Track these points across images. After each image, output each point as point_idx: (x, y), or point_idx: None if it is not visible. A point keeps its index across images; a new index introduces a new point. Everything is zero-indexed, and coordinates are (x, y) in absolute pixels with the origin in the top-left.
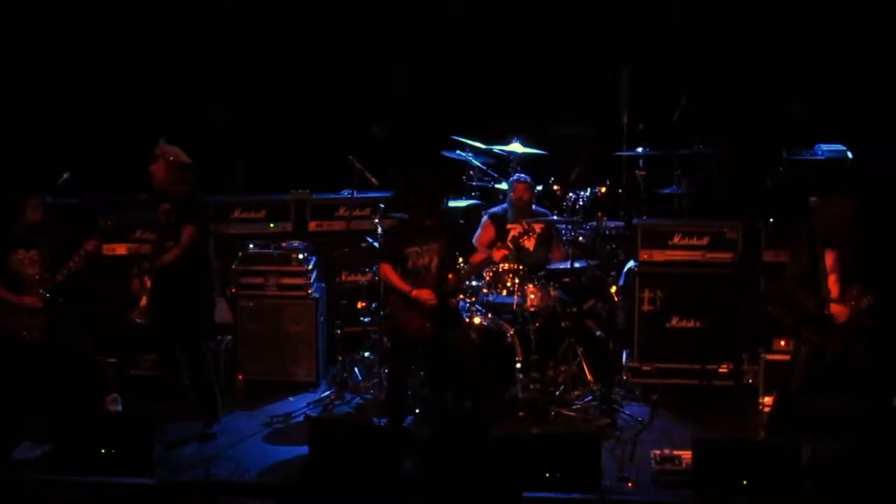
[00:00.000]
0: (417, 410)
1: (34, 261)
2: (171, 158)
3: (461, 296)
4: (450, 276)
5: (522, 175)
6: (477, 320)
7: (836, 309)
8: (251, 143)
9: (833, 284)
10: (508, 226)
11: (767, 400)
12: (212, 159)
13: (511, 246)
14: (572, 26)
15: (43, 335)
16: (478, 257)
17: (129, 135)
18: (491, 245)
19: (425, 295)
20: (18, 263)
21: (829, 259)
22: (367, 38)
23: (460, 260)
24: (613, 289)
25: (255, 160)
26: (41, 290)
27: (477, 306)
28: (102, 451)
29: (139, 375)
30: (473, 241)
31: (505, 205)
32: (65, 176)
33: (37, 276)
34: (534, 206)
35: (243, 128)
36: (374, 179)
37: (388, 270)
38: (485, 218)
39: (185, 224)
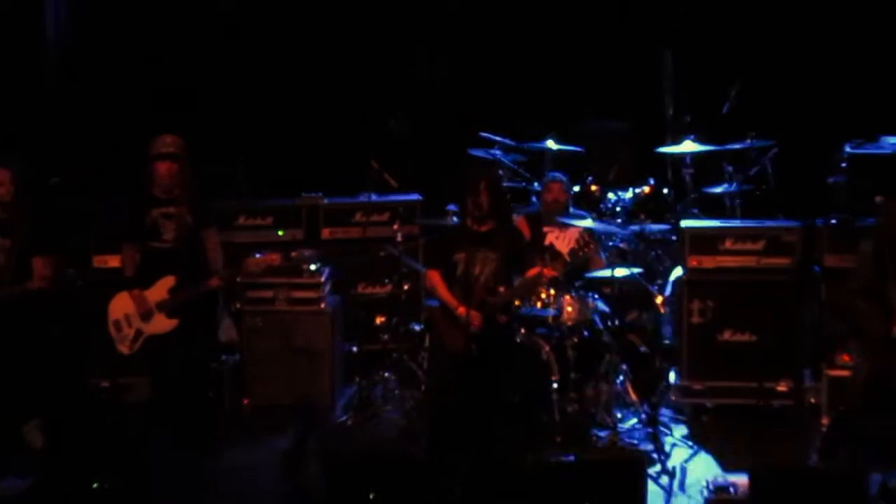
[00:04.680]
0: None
1: (3, 249)
2: (185, 155)
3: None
4: (500, 289)
5: (558, 174)
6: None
7: None
8: (255, 139)
9: None
10: (545, 229)
11: None
12: (210, 158)
13: (568, 259)
14: (609, 7)
15: None
16: (533, 272)
17: (112, 132)
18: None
19: (472, 318)
20: None
21: None
22: (385, 20)
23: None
24: (659, 299)
25: (260, 159)
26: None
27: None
28: (94, 485)
29: (134, 402)
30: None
31: (538, 206)
32: (54, 180)
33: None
34: (571, 209)
35: (246, 122)
36: (393, 181)
37: (436, 278)
38: (517, 217)
39: (206, 228)
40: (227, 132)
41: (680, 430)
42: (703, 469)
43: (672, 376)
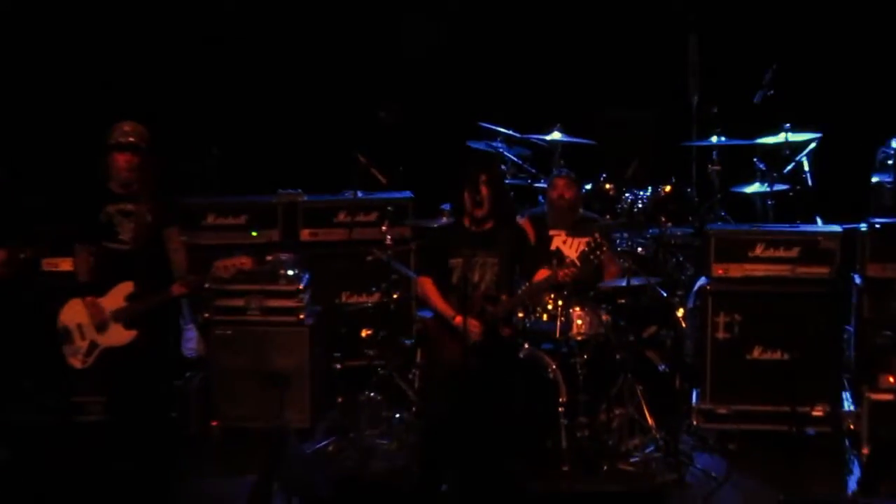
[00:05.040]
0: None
1: None
2: (148, 145)
3: (518, 318)
4: (503, 297)
5: (564, 170)
6: None
7: None
8: (227, 129)
9: None
10: (552, 232)
11: None
12: (177, 149)
13: (578, 264)
14: None
15: None
16: (540, 275)
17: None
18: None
19: (471, 327)
20: None
21: None
22: None
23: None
24: (680, 312)
25: (232, 151)
26: None
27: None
28: None
29: (88, 424)
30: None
31: (544, 207)
32: None
33: None
34: (581, 210)
35: (217, 110)
36: (382, 177)
37: (428, 286)
38: (521, 218)
39: (168, 227)
40: (197, 121)
41: (703, 460)
42: (729, 503)
43: (694, 399)
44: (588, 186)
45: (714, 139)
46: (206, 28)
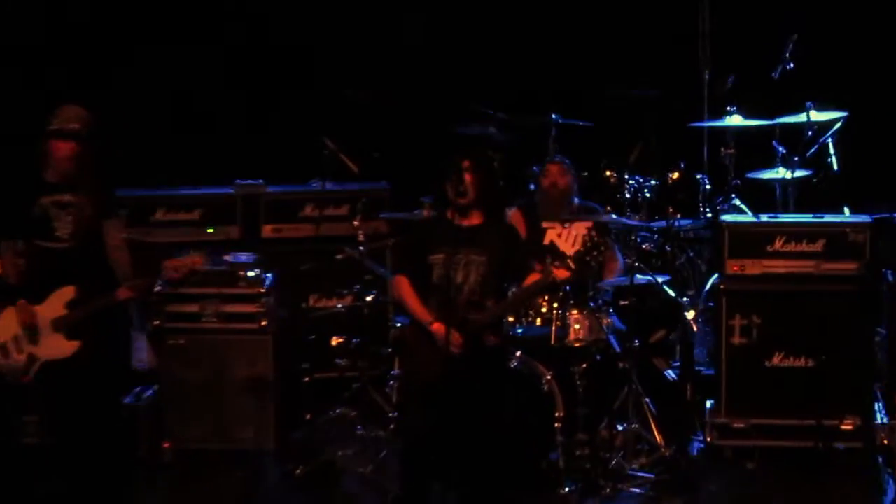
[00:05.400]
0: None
1: None
2: (91, 132)
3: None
4: (489, 301)
5: (558, 156)
6: None
7: None
8: (180, 113)
9: None
10: (544, 224)
11: None
12: (124, 136)
13: (574, 266)
14: None
15: None
16: (533, 277)
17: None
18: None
19: (452, 338)
20: None
21: None
22: None
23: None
24: (691, 314)
25: (186, 138)
26: None
27: None
28: None
29: (26, 446)
30: None
31: (536, 197)
32: None
33: None
34: (577, 200)
35: (169, 92)
36: (353, 165)
37: (404, 286)
38: (511, 209)
39: (108, 221)
40: (143, 104)
41: (718, 481)
42: None
43: (707, 412)
44: (586, 174)
45: (728, 119)
46: (159, 6)
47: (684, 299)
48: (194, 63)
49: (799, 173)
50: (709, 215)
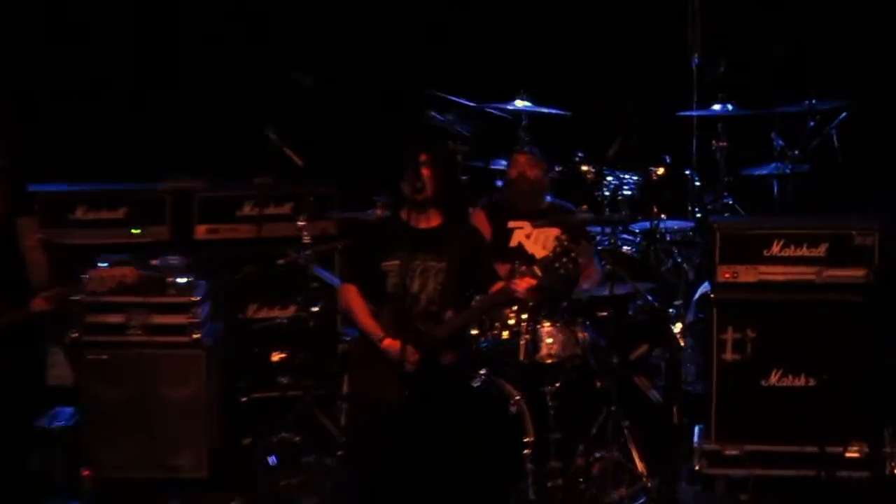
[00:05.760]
0: None
1: None
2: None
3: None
4: (449, 312)
5: (527, 146)
6: None
7: None
8: (103, 101)
9: None
10: (511, 224)
11: None
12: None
13: (540, 273)
14: None
15: None
16: (498, 286)
17: None
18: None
19: (407, 354)
20: None
21: None
22: None
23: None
24: (678, 327)
25: (110, 128)
26: None
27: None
28: None
29: None
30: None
31: (503, 193)
32: None
33: None
34: (549, 198)
35: (90, 77)
36: (298, 159)
37: (352, 295)
38: (474, 209)
39: (22, 218)
40: (62, 90)
41: None
42: None
43: (696, 437)
44: (559, 168)
45: (719, 108)
46: None
47: (670, 310)
48: (118, 42)
49: (799, 169)
50: (698, 216)
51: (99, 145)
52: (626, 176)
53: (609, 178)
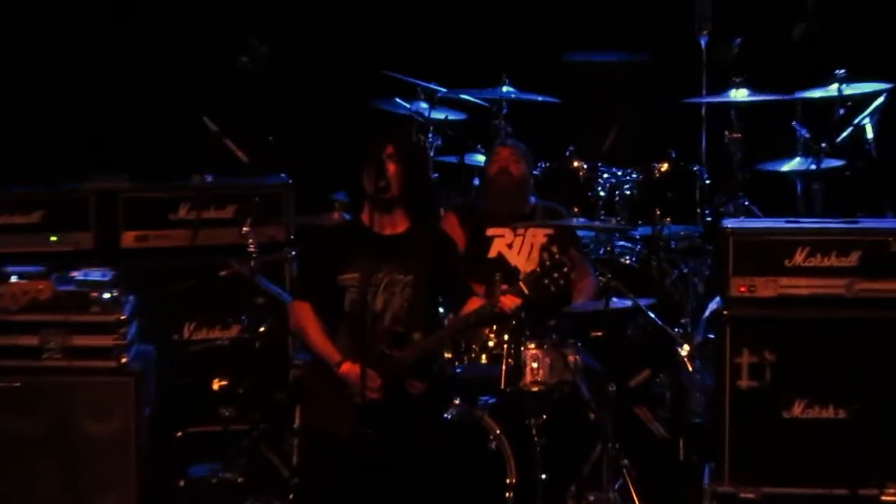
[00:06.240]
0: None
1: None
2: None
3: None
4: (416, 334)
5: (511, 139)
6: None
7: None
8: (14, 90)
9: None
10: (490, 231)
11: None
12: None
13: (527, 290)
14: None
15: None
16: (474, 305)
17: None
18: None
19: (368, 382)
20: None
21: None
22: None
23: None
24: (685, 349)
25: (22, 118)
26: None
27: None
28: None
29: None
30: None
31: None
32: None
33: None
34: (533, 200)
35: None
36: (242, 154)
37: (304, 314)
38: (446, 211)
39: None
40: None
41: None
42: None
43: (706, 478)
44: (547, 164)
45: (733, 94)
46: None
47: (676, 330)
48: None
49: (827, 164)
50: (708, 219)
51: (9, 139)
52: (624, 173)
53: (605, 176)
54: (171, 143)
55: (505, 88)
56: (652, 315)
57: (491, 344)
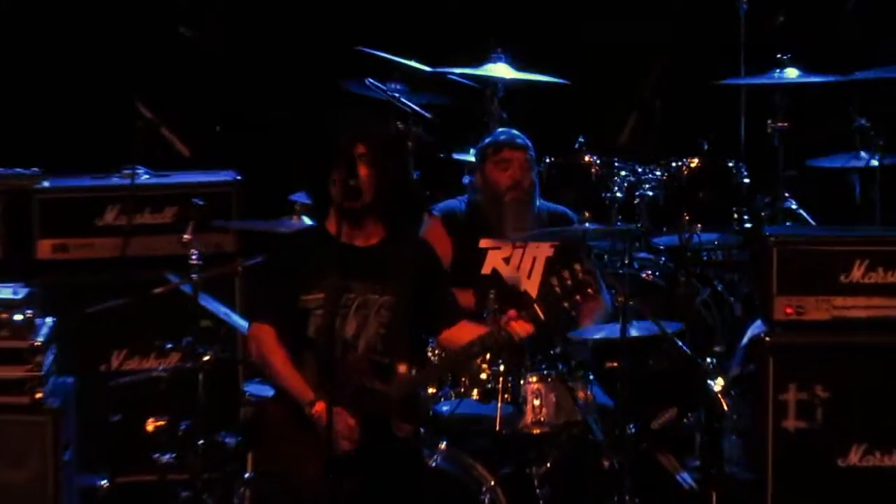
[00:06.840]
0: None
1: None
2: None
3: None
4: (400, 367)
5: (514, 131)
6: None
7: None
8: None
9: None
10: (484, 242)
11: None
12: None
13: (543, 314)
14: None
15: None
16: (464, 333)
17: None
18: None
19: (342, 425)
20: None
21: None
22: None
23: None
24: (718, 384)
25: None
26: None
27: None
28: None
29: None
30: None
31: (465, 196)
32: None
33: None
34: (539, 202)
35: None
36: (183, 147)
37: (270, 343)
38: (431, 218)
39: None
40: None
41: None
42: None
43: None
44: (552, 160)
45: (779, 75)
46: None
47: (708, 360)
48: None
49: (890, 160)
50: (747, 226)
51: None
52: (646, 170)
53: (622, 174)
54: (96, 131)
55: (500, 66)
56: (679, 342)
57: (484, 376)
